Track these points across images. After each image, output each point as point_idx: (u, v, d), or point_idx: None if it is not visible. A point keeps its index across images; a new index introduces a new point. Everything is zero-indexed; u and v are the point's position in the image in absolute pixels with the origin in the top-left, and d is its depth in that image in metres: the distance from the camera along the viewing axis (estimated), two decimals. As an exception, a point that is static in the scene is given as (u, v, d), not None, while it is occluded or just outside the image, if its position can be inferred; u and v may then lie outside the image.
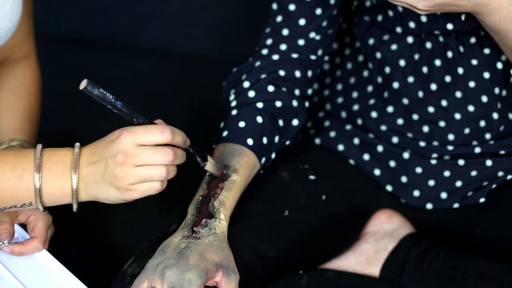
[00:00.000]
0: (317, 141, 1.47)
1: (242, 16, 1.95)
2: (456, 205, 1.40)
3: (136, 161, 1.11)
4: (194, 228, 1.19)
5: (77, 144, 1.15)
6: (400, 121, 1.42)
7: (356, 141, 1.45)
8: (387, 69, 1.41)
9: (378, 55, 1.42)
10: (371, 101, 1.45)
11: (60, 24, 1.99)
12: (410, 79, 1.40)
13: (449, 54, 1.37)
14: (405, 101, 1.42)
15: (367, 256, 1.41)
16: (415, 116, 1.41)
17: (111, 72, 1.92)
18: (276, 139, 1.35)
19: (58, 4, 1.99)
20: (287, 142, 1.38)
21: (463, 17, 1.32)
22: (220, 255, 1.16)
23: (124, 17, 2.00)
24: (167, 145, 1.13)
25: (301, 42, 1.38)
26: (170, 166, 1.13)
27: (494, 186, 1.38)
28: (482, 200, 1.38)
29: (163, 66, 1.95)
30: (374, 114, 1.44)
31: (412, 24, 1.35)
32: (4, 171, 1.13)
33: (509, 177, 1.38)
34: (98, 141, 1.15)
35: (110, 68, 1.94)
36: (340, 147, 1.45)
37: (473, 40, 1.35)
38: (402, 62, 1.40)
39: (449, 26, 1.33)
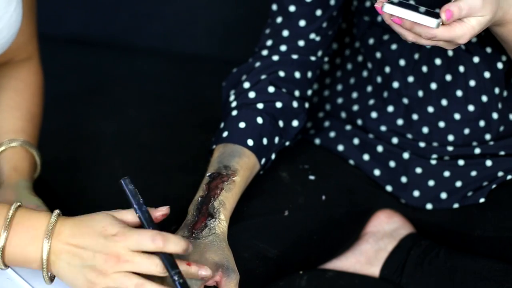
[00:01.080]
0: (317, 141, 1.47)
1: (242, 16, 1.95)
2: (456, 205, 1.40)
3: (127, 267, 1.08)
4: (194, 230, 1.19)
5: (56, 212, 1.11)
6: (400, 122, 1.42)
7: (356, 141, 1.45)
8: (387, 69, 1.41)
9: (378, 55, 1.42)
10: (371, 101, 1.45)
11: (60, 24, 1.99)
12: (410, 79, 1.40)
13: (450, 52, 1.37)
14: (405, 100, 1.42)
15: (367, 256, 1.41)
16: (415, 116, 1.41)
17: (111, 72, 1.92)
18: (276, 140, 1.35)
19: (58, 4, 1.99)
20: (287, 143, 1.38)
21: None
22: (220, 254, 1.16)
23: (124, 17, 2.00)
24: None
25: (301, 43, 1.38)
26: (147, 282, 1.08)
27: (494, 186, 1.38)
28: (482, 200, 1.38)
29: (163, 66, 1.95)
30: (374, 115, 1.44)
31: None
32: None
33: (509, 177, 1.38)
34: (85, 222, 1.11)
35: (110, 68, 1.94)
36: (340, 147, 1.45)
37: (474, 39, 1.35)
38: (402, 62, 1.40)
39: None
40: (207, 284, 1.14)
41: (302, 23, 1.38)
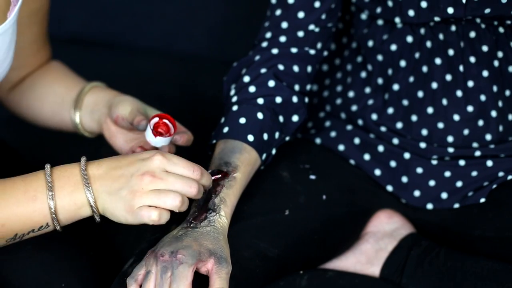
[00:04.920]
0: (318, 141, 1.47)
1: (242, 16, 1.95)
2: (456, 205, 1.40)
3: (161, 185, 1.13)
4: (193, 221, 1.20)
5: (83, 158, 1.17)
6: (399, 125, 1.42)
7: (357, 141, 1.45)
8: (390, 71, 1.41)
9: (380, 57, 1.42)
10: (370, 102, 1.45)
11: (60, 24, 1.99)
12: (411, 79, 1.40)
13: (450, 52, 1.37)
14: (405, 102, 1.42)
15: (367, 256, 1.41)
16: (414, 118, 1.41)
17: (111, 72, 1.91)
18: (277, 135, 1.35)
19: (58, 4, 1.99)
20: (287, 138, 1.39)
21: (464, 0, 1.32)
22: (215, 244, 1.17)
23: (124, 17, 2.00)
24: None
25: (300, 34, 1.39)
26: (185, 198, 1.15)
27: (494, 186, 1.38)
28: (482, 200, 1.38)
29: (163, 66, 1.95)
30: (374, 116, 1.44)
31: (411, 12, 1.35)
32: (18, 197, 1.14)
33: (509, 177, 1.38)
34: (122, 156, 1.17)
35: (110, 68, 1.93)
36: (341, 147, 1.45)
37: (472, 34, 1.36)
38: (402, 63, 1.40)
39: (450, 10, 1.32)
40: (200, 271, 1.15)
41: (301, 14, 1.38)
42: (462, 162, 1.40)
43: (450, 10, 1.32)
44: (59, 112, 1.42)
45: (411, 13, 1.35)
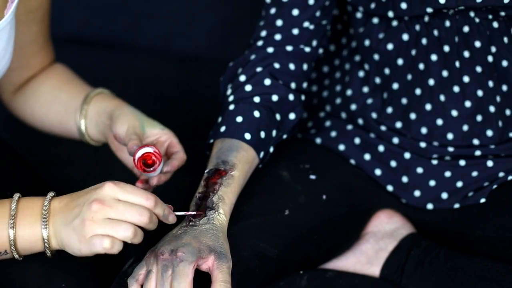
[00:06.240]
0: (318, 140, 1.47)
1: (242, 16, 1.95)
2: (456, 206, 1.40)
3: (110, 213, 1.10)
4: (192, 219, 1.20)
5: (51, 193, 1.16)
6: (398, 124, 1.42)
7: (357, 141, 1.45)
8: (387, 71, 1.41)
9: (376, 56, 1.42)
10: (369, 101, 1.45)
11: (60, 24, 1.99)
12: (409, 77, 1.40)
13: (446, 48, 1.37)
14: (404, 100, 1.42)
15: (367, 256, 1.41)
16: (413, 116, 1.41)
17: (111, 72, 1.92)
18: (274, 133, 1.35)
19: (58, 4, 1.99)
20: (284, 136, 1.39)
21: None
22: (214, 241, 1.17)
23: (124, 17, 2.00)
24: None
25: (295, 31, 1.39)
26: (138, 229, 1.12)
27: (494, 186, 1.38)
28: (482, 200, 1.38)
29: (163, 66, 1.95)
30: (374, 115, 1.44)
31: (403, 5, 1.35)
32: None
33: (509, 177, 1.38)
34: (82, 190, 1.15)
35: (110, 68, 1.94)
36: (341, 147, 1.45)
37: (466, 29, 1.36)
38: (400, 61, 1.40)
39: (441, 0, 1.32)
40: (201, 268, 1.15)
41: (295, 12, 1.38)
42: (462, 162, 1.40)
43: (442, 0, 1.32)
44: (65, 122, 1.41)
45: (403, 5, 1.35)
